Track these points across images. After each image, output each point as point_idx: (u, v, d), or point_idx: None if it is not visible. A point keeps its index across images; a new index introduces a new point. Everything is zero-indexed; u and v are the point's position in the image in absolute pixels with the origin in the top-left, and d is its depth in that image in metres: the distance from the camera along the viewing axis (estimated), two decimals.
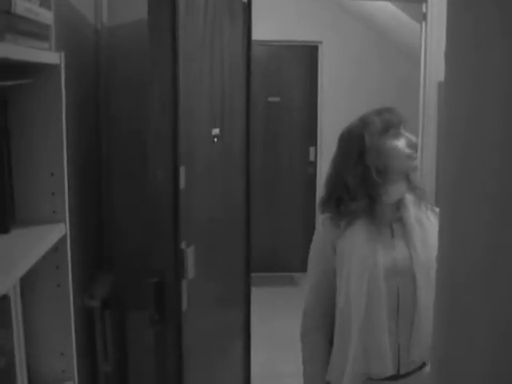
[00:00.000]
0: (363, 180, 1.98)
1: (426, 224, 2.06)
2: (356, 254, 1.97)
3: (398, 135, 2.00)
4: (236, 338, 3.11)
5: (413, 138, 2.03)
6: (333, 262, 2.04)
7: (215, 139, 2.55)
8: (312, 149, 6.51)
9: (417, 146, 2.06)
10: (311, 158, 6.52)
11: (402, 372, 2.01)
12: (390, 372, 1.98)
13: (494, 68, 0.83)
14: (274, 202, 6.59)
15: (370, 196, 2.00)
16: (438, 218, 2.14)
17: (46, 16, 1.45)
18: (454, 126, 0.95)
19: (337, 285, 2.03)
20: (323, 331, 2.10)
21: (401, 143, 1.99)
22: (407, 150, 1.99)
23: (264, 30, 5.37)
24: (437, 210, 2.16)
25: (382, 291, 1.95)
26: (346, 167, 2.01)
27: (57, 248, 1.53)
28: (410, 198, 2.08)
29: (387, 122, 2.00)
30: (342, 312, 2.00)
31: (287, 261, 6.65)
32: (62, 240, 1.54)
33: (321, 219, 2.12)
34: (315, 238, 2.12)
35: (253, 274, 3.22)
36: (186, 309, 2.15)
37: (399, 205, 2.06)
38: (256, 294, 3.42)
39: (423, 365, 2.05)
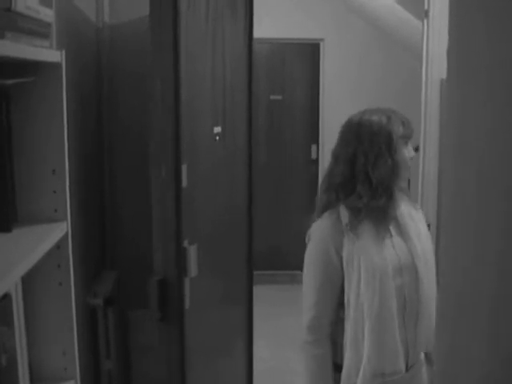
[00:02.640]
0: (391, 174, 2.02)
1: (415, 217, 2.14)
2: (365, 255, 1.98)
3: (406, 145, 2.08)
4: (238, 335, 3.11)
5: (413, 153, 2.10)
6: (339, 270, 2.02)
7: (217, 137, 2.54)
8: (314, 146, 6.50)
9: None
10: (313, 155, 6.51)
11: (410, 365, 2.04)
12: (403, 368, 2.00)
13: (496, 64, 0.83)
14: (276, 200, 6.58)
15: (389, 193, 2.03)
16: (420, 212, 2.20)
17: (47, 14, 1.44)
18: (456, 123, 0.94)
19: (345, 289, 2.01)
20: (328, 342, 2.07)
21: (407, 154, 2.07)
22: (409, 163, 2.09)
23: (266, 27, 5.35)
24: (418, 206, 2.27)
25: (391, 289, 1.97)
26: (374, 160, 2.01)
27: (58, 246, 1.53)
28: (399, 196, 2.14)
29: (406, 129, 2.06)
30: (354, 316, 1.99)
31: (289, 259, 6.64)
32: (64, 238, 1.54)
33: (318, 227, 2.09)
34: (317, 248, 2.08)
35: (255, 272, 3.22)
36: (189, 307, 2.15)
37: None
38: (259, 292, 3.42)
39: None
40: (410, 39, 4.92)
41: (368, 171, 2.01)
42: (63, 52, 1.52)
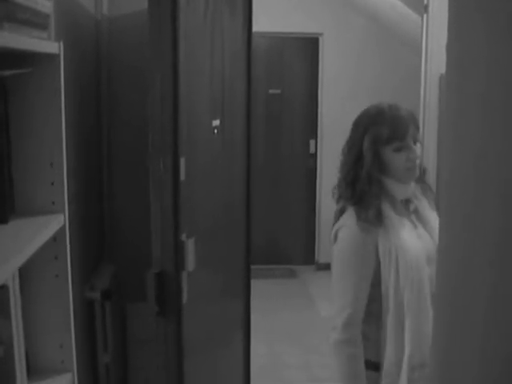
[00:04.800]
0: (356, 180, 2.05)
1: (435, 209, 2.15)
2: (401, 247, 1.98)
3: (400, 148, 2.03)
4: (236, 329, 3.12)
5: (416, 152, 2.06)
6: (373, 264, 2.01)
7: (215, 131, 2.54)
8: (312, 141, 6.50)
9: (418, 157, 2.08)
10: (311, 150, 6.51)
11: None
12: None
13: (495, 59, 0.83)
14: (274, 194, 6.59)
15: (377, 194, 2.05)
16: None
17: (45, 5, 1.44)
18: (455, 119, 0.94)
19: (383, 282, 2.00)
20: (361, 339, 2.03)
21: (400, 157, 2.04)
22: (406, 164, 2.04)
23: (265, 21, 5.34)
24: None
25: (426, 279, 1.98)
26: (353, 173, 2.07)
27: (55, 238, 1.53)
28: (417, 189, 2.15)
29: (393, 132, 2.02)
30: (394, 309, 1.98)
31: (288, 253, 6.65)
32: (61, 230, 1.54)
33: (354, 224, 2.04)
34: (354, 245, 2.04)
35: (253, 267, 3.23)
36: (187, 300, 2.14)
37: (411, 198, 2.13)
38: (256, 286, 3.42)
39: None
40: (409, 34, 4.92)
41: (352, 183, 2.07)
42: (61, 43, 1.51)
